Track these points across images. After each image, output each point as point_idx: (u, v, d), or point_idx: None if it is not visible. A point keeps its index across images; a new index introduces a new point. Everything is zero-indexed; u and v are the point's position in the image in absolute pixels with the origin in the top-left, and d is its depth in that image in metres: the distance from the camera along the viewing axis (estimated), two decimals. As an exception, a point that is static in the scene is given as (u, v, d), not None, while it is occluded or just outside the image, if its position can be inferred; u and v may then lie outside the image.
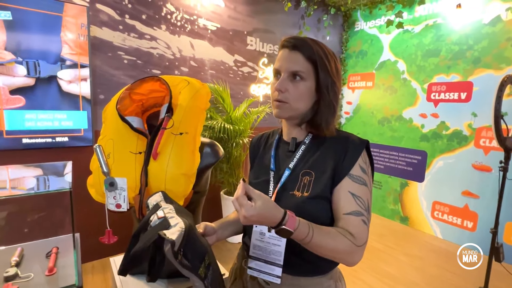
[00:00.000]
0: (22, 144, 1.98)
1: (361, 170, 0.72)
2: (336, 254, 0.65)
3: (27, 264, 0.92)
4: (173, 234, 0.60)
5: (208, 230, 0.80)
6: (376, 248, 2.86)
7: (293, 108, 0.74)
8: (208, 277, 0.64)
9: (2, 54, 1.83)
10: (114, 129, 0.92)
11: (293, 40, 0.73)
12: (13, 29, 1.85)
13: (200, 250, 0.65)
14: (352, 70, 3.98)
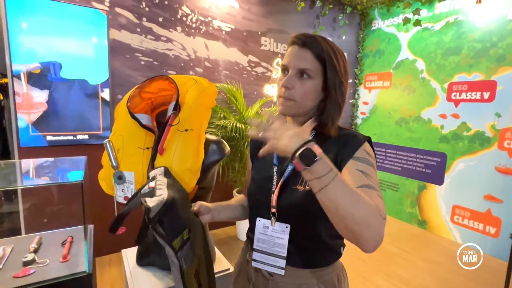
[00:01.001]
0: (47, 141, 2.10)
1: (366, 153, 0.69)
2: (360, 214, 0.52)
3: (44, 251, 0.99)
4: (152, 202, 0.64)
5: (202, 209, 0.83)
6: (390, 251, 2.79)
7: (299, 106, 0.74)
8: (183, 251, 0.67)
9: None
10: (124, 126, 0.96)
11: (303, 37, 0.73)
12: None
13: (179, 224, 0.68)
14: (368, 70, 3.91)
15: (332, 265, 0.79)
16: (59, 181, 1.07)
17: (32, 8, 1.94)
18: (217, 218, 0.87)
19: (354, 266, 2.50)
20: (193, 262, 0.71)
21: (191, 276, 0.70)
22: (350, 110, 4.09)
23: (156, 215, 0.63)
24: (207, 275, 0.80)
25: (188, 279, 0.68)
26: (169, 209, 0.65)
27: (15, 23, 1.91)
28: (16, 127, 2.02)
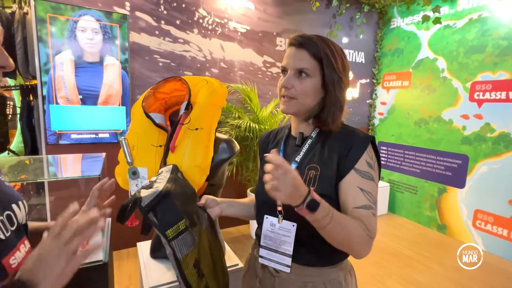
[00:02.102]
0: (71, 139, 2.23)
1: (367, 165, 0.72)
2: (352, 243, 0.66)
3: None
4: (145, 193, 0.70)
5: (209, 202, 0.86)
6: (407, 255, 2.72)
7: (300, 103, 0.76)
8: (178, 240, 0.71)
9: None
10: (139, 124, 1.02)
11: (300, 38, 0.76)
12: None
13: (173, 215, 0.73)
14: (387, 69, 3.82)
15: (339, 265, 0.79)
16: (80, 175, 1.15)
17: (59, 15, 2.07)
18: (226, 212, 0.90)
19: (368, 270, 2.47)
20: (192, 252, 0.75)
21: (189, 264, 0.73)
22: (368, 110, 4.02)
23: (147, 205, 0.68)
24: (213, 266, 0.84)
25: (185, 267, 0.72)
26: (163, 200, 0.70)
27: (44, 30, 2.05)
28: (44, 126, 2.15)
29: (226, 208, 0.90)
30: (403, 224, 3.46)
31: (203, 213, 0.86)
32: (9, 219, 0.53)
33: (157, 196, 0.70)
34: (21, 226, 0.57)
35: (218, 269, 0.89)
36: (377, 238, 2.91)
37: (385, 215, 3.72)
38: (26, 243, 0.57)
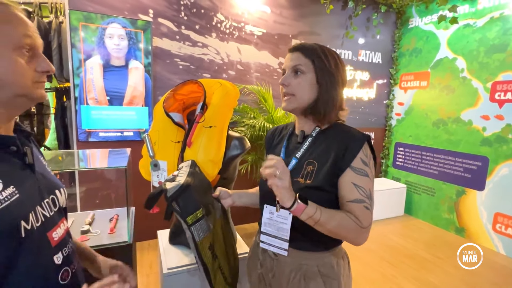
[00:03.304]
0: (99, 136, 2.42)
1: (362, 162, 0.79)
2: (342, 233, 0.75)
3: (96, 224, 1.22)
4: (170, 185, 0.82)
5: (223, 194, 0.96)
6: (422, 257, 2.70)
7: (298, 99, 0.84)
8: (196, 226, 0.82)
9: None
10: (160, 123, 1.14)
11: (296, 45, 0.86)
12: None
13: (193, 204, 0.84)
14: (404, 70, 3.78)
15: (332, 250, 0.87)
16: (109, 166, 1.29)
17: (90, 23, 2.26)
18: (238, 203, 1.00)
19: (382, 270, 2.48)
20: (207, 236, 0.85)
21: (205, 247, 0.83)
22: (385, 111, 3.99)
23: (172, 195, 0.78)
24: (225, 250, 0.93)
25: (202, 249, 0.82)
26: (184, 192, 0.81)
27: (77, 38, 2.24)
28: (76, 124, 2.35)
29: (237, 199, 1.00)
30: (420, 226, 3.41)
31: (217, 204, 0.96)
32: (53, 202, 0.64)
33: (179, 188, 0.81)
34: (61, 209, 0.68)
35: (230, 253, 0.99)
36: (392, 239, 2.91)
37: (402, 217, 3.68)
38: (65, 222, 0.68)
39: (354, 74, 3.66)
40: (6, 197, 0.51)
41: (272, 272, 0.89)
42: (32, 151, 0.62)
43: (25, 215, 0.54)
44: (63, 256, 0.62)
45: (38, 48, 0.58)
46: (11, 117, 0.59)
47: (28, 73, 0.56)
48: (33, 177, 0.60)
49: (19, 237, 0.52)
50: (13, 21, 0.54)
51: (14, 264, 0.52)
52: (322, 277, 0.84)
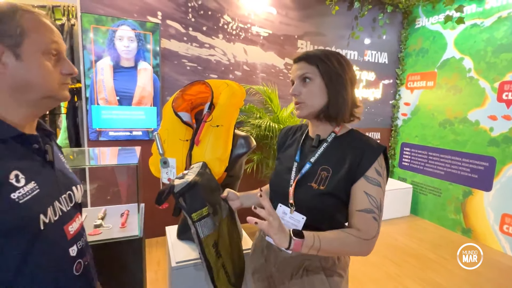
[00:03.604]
0: (109, 136, 2.49)
1: (376, 172, 0.80)
2: (346, 251, 0.79)
3: (108, 219, 1.27)
4: (178, 182, 0.86)
5: (231, 195, 1.00)
6: (428, 257, 2.70)
7: (309, 106, 0.86)
8: (201, 222, 0.87)
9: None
10: (169, 122, 1.18)
11: (299, 55, 0.89)
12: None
13: (199, 202, 0.88)
14: (411, 70, 3.77)
15: None
16: (122, 163, 1.34)
17: (101, 26, 2.33)
18: (246, 205, 1.02)
19: (387, 269, 2.49)
20: (212, 234, 0.89)
21: (209, 244, 0.87)
22: (391, 111, 3.99)
23: (179, 191, 0.83)
24: (230, 250, 0.97)
25: (206, 246, 0.86)
26: (191, 189, 0.85)
27: (88, 40, 2.31)
28: (87, 124, 2.42)
29: (245, 200, 1.03)
30: (425, 227, 3.40)
31: (224, 204, 0.99)
32: (70, 197, 0.69)
33: (186, 185, 0.85)
34: (77, 204, 0.73)
35: (235, 253, 1.02)
36: (397, 239, 2.91)
37: (407, 217, 3.67)
38: (80, 217, 0.73)
39: (360, 74, 3.67)
40: (27, 192, 0.55)
41: (276, 266, 0.92)
42: (53, 149, 0.67)
43: (44, 209, 0.58)
44: (78, 249, 0.66)
45: (63, 52, 0.63)
46: (35, 116, 0.64)
47: (55, 76, 0.61)
48: (53, 173, 0.65)
49: (38, 229, 0.56)
50: (42, 28, 0.59)
51: (33, 254, 0.56)
52: (324, 271, 0.87)
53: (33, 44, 0.57)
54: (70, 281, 0.64)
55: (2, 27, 0.54)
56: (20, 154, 0.58)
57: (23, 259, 0.54)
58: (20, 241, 0.54)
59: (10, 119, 0.58)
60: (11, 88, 0.57)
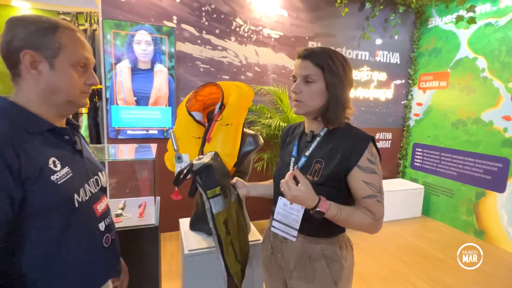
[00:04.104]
0: (127, 134, 2.63)
1: (368, 161, 0.87)
2: (360, 227, 0.86)
3: (127, 210, 1.39)
4: (196, 163, 0.98)
5: (239, 183, 1.10)
6: (437, 257, 2.70)
7: (307, 105, 0.92)
8: (214, 200, 0.97)
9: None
10: (183, 121, 1.28)
11: (305, 51, 0.92)
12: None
13: (213, 181, 0.99)
14: (423, 70, 3.75)
15: (336, 237, 0.96)
16: (140, 158, 1.46)
17: (120, 30, 2.47)
18: (252, 193, 1.12)
19: (395, 268, 2.51)
20: (223, 212, 0.98)
21: (220, 221, 0.97)
22: (403, 111, 3.97)
23: (197, 170, 0.93)
24: (238, 231, 1.06)
25: (217, 221, 0.96)
26: (207, 169, 0.95)
27: (108, 44, 2.46)
28: (107, 123, 2.58)
29: (252, 190, 1.12)
30: (437, 228, 3.38)
31: (233, 190, 1.09)
32: (96, 181, 0.80)
33: (203, 166, 0.96)
34: (102, 188, 0.84)
35: (241, 237, 1.11)
36: (407, 239, 2.92)
37: (419, 218, 3.65)
38: (105, 199, 0.84)
39: (371, 75, 3.68)
40: (63, 175, 0.66)
41: (281, 253, 1.00)
42: (81, 140, 0.78)
43: (77, 190, 0.69)
44: (105, 225, 0.78)
45: (90, 65, 0.73)
46: (62, 116, 0.75)
47: (79, 85, 0.71)
48: (82, 160, 0.76)
49: (73, 207, 0.67)
50: (76, 44, 0.69)
51: (71, 227, 0.67)
52: (325, 259, 0.94)
53: (67, 57, 0.67)
54: (101, 251, 0.75)
55: (44, 41, 0.65)
56: (54, 144, 0.69)
57: (63, 232, 0.65)
58: (60, 216, 0.65)
59: (44, 116, 0.69)
60: (42, 91, 0.67)
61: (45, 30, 0.65)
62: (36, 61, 0.64)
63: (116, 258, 0.83)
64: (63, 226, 0.65)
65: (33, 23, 0.65)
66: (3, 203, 0.56)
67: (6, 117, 0.62)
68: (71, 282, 0.67)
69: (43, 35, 0.65)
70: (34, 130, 0.65)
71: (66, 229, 0.66)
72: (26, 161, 0.59)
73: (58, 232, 0.65)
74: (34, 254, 0.62)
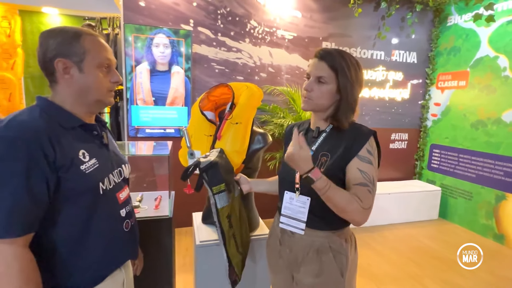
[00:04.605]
0: (145, 133, 2.77)
1: (367, 152, 0.91)
2: (346, 210, 0.85)
3: (144, 202, 1.50)
4: (203, 160, 1.03)
5: (242, 179, 1.16)
6: (452, 259, 2.65)
7: (315, 103, 0.97)
8: (219, 195, 1.03)
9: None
10: (196, 119, 1.36)
11: (322, 52, 0.97)
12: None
13: (218, 178, 1.04)
14: (442, 69, 3.67)
15: (341, 230, 1.00)
16: (151, 154, 1.57)
17: (140, 34, 2.60)
18: (255, 189, 1.18)
19: (407, 269, 2.50)
20: (227, 207, 1.05)
21: (224, 215, 1.03)
22: (420, 111, 3.90)
23: (203, 167, 1.00)
24: (240, 225, 1.13)
25: (221, 215, 1.02)
26: (213, 167, 1.02)
27: (129, 47, 2.60)
28: (127, 121, 2.72)
29: (255, 186, 1.19)
30: (454, 231, 3.30)
31: (236, 186, 1.16)
32: (120, 172, 0.89)
33: (209, 164, 1.03)
34: (125, 179, 0.93)
35: (243, 229, 1.18)
36: (422, 241, 2.90)
37: (435, 221, 3.58)
38: (127, 189, 0.93)
39: (386, 75, 3.65)
40: (91, 165, 0.75)
41: (289, 248, 1.05)
42: (107, 135, 0.88)
43: (102, 179, 0.78)
44: (126, 211, 0.87)
45: (113, 65, 0.82)
46: (92, 114, 0.84)
47: (105, 83, 0.80)
48: (107, 153, 0.85)
49: (99, 194, 0.76)
50: (98, 48, 0.78)
51: (97, 213, 0.76)
52: (332, 251, 0.97)
53: (92, 60, 0.76)
54: (122, 234, 0.84)
55: (71, 48, 0.74)
56: (84, 138, 0.78)
57: (90, 215, 0.75)
58: (87, 201, 0.74)
59: (76, 114, 0.78)
60: (75, 92, 0.77)
61: (71, 38, 0.74)
62: (67, 67, 0.74)
63: (135, 242, 0.92)
64: (90, 209, 0.75)
65: (60, 33, 0.74)
66: (41, 184, 0.66)
67: (45, 114, 0.72)
68: (95, 258, 0.77)
69: (69, 43, 0.74)
70: (67, 125, 0.75)
71: (92, 212, 0.75)
72: (60, 152, 0.69)
73: (85, 215, 0.74)
74: (66, 232, 0.72)
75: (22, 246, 0.64)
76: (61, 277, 0.73)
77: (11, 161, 0.63)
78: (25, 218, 0.64)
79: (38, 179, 0.65)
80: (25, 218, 0.64)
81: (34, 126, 0.67)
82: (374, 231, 3.19)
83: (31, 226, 0.66)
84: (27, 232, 0.65)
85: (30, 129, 0.66)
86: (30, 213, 0.65)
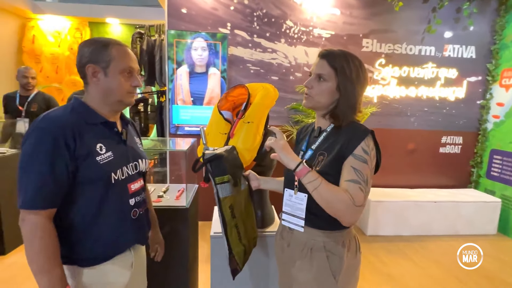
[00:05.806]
0: (184, 130, 2.98)
1: (363, 151, 0.91)
2: (336, 205, 0.85)
3: (168, 193, 1.66)
4: (208, 152, 1.10)
5: (251, 176, 1.22)
6: (505, 281, 2.34)
7: (315, 100, 0.99)
8: (222, 186, 1.08)
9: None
10: (214, 118, 1.46)
11: (324, 51, 0.99)
12: (184, 55, 2.85)
13: (222, 170, 1.10)
14: (507, 64, 3.22)
15: (340, 231, 0.99)
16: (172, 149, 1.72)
17: (181, 39, 2.82)
18: (264, 187, 1.23)
19: (447, 285, 2.27)
20: (229, 198, 1.11)
21: (226, 205, 1.10)
22: (478, 112, 3.47)
23: (208, 159, 1.07)
24: (246, 217, 1.18)
25: (223, 205, 1.09)
26: (217, 159, 1.09)
27: (172, 51, 2.83)
28: (169, 119, 2.97)
29: (263, 183, 1.23)
30: (515, 249, 2.89)
31: (244, 181, 1.21)
32: (135, 166, 1.02)
33: (213, 155, 1.10)
34: (141, 172, 1.05)
35: (249, 223, 1.22)
36: (472, 257, 2.61)
37: (493, 236, 3.16)
38: (141, 181, 1.05)
39: (437, 72, 3.33)
40: (106, 157, 0.88)
41: (288, 243, 1.08)
42: (127, 132, 1.00)
43: (115, 170, 0.91)
44: (135, 201, 0.98)
45: (134, 71, 0.95)
46: (115, 113, 0.98)
47: (125, 87, 0.92)
48: (125, 148, 0.98)
49: (110, 183, 0.89)
50: (123, 56, 0.91)
51: (107, 199, 0.89)
52: (326, 251, 0.99)
53: (116, 66, 0.89)
54: (129, 221, 0.96)
55: (100, 55, 0.88)
56: (104, 134, 0.92)
57: (102, 200, 0.88)
58: (101, 188, 0.87)
59: (101, 112, 0.92)
60: (100, 93, 0.91)
61: (100, 47, 0.88)
62: (96, 71, 0.88)
63: (143, 229, 1.03)
64: (102, 195, 0.88)
65: (93, 43, 0.89)
66: (63, 168, 0.80)
67: (74, 112, 0.88)
68: (104, 238, 0.90)
69: (99, 51, 0.88)
70: (91, 122, 0.89)
71: (104, 198, 0.88)
72: (80, 144, 0.83)
73: (98, 199, 0.88)
74: (82, 211, 0.86)
75: (45, 218, 0.79)
76: (77, 251, 0.87)
77: (40, 146, 0.78)
78: (48, 195, 0.79)
79: (60, 164, 0.79)
80: (48, 195, 0.79)
81: (62, 121, 0.83)
82: (413, 241, 2.96)
83: (53, 202, 0.80)
84: (49, 207, 0.79)
85: (58, 122, 0.82)
86: (52, 191, 0.79)
